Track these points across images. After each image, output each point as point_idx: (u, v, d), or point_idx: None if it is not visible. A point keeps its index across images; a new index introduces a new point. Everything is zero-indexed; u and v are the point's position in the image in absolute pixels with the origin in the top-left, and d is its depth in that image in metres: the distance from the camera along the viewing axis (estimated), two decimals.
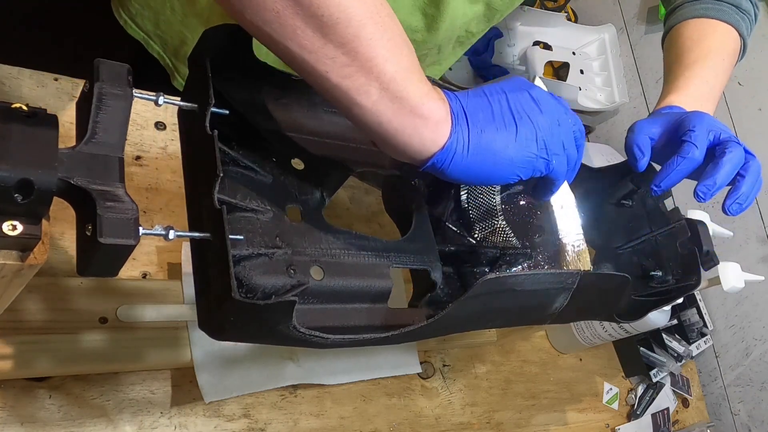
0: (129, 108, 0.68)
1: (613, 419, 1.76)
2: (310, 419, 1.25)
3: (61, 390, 1.04)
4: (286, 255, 0.80)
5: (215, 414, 1.15)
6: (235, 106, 0.82)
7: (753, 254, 2.05)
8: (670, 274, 1.16)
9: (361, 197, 1.46)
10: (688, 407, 1.97)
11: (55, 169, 0.60)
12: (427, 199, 1.02)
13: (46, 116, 0.61)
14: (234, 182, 0.80)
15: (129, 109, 0.68)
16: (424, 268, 0.94)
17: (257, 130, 0.84)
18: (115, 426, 1.06)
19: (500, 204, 1.03)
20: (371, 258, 0.88)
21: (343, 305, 0.84)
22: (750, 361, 2.07)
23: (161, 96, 0.74)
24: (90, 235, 0.63)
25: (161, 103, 0.74)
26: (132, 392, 1.09)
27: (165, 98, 0.75)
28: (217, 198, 0.70)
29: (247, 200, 0.79)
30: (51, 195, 0.60)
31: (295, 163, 0.89)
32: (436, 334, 0.92)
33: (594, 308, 1.06)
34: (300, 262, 0.81)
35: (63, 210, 0.65)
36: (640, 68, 2.41)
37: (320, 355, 1.25)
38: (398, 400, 1.38)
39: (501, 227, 1.02)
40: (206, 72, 0.77)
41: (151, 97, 0.73)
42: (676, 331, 1.96)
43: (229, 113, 0.81)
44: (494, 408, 1.52)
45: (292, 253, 0.81)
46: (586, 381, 1.75)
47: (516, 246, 1.03)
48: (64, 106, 1.14)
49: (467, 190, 1.03)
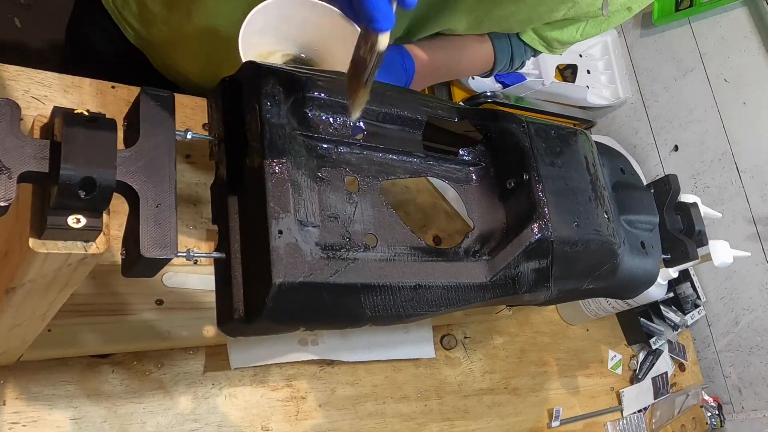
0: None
1: (618, 383, 1.75)
2: (346, 388, 1.24)
3: (122, 365, 1.04)
4: (343, 222, 0.79)
5: (261, 384, 1.15)
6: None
7: (740, 233, 2.05)
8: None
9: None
10: (684, 371, 1.96)
11: (115, 168, 0.59)
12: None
13: (105, 121, 0.60)
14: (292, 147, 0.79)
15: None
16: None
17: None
18: (172, 397, 1.06)
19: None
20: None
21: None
22: (739, 329, 2.07)
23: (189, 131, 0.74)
24: (134, 246, 0.63)
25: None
26: (186, 366, 1.09)
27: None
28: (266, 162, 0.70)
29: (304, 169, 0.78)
30: (111, 191, 0.59)
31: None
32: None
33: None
34: (355, 230, 0.80)
35: (122, 203, 0.64)
36: (636, 68, 2.40)
37: (341, 333, 1.23)
38: (425, 370, 1.37)
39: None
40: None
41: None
42: (672, 303, 1.96)
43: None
44: (511, 375, 1.51)
45: (348, 220, 0.80)
46: (593, 349, 1.74)
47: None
48: (122, 111, 1.13)
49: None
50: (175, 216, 0.65)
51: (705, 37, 2.18)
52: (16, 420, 0.93)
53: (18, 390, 0.95)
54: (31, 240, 0.59)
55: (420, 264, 0.81)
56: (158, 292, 1.04)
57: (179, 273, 1.06)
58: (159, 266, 0.65)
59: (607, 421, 1.66)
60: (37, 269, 0.63)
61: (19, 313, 0.73)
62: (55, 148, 0.58)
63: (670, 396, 1.84)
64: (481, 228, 0.94)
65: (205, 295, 1.07)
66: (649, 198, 1.17)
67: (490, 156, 0.98)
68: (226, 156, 0.77)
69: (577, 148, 1.00)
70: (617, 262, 1.00)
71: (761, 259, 1.99)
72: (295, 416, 1.16)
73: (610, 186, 1.08)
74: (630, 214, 1.09)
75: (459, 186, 0.96)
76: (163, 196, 0.64)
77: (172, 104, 0.69)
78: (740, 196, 2.05)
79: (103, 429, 0.99)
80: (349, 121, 0.84)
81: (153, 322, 1.03)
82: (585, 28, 1.31)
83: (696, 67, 2.20)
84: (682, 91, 2.24)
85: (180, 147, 1.16)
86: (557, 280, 0.92)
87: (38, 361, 0.96)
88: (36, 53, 1.39)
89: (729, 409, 2.06)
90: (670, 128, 2.27)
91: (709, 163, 2.15)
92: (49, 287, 0.67)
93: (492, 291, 0.87)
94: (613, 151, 1.16)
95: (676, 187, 1.22)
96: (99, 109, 0.61)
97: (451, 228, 1.43)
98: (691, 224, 1.24)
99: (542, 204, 0.89)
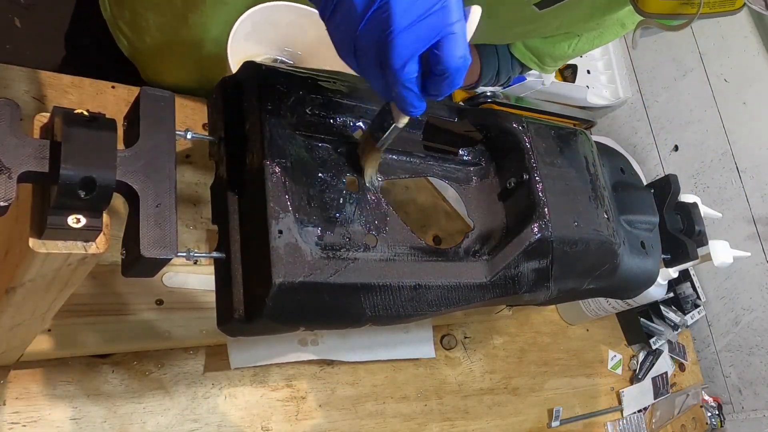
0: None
1: (618, 383, 1.75)
2: (346, 388, 1.24)
3: (122, 365, 1.04)
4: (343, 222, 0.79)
5: (261, 384, 1.15)
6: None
7: (740, 233, 2.05)
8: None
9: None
10: (684, 371, 1.96)
11: (115, 168, 0.59)
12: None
13: (105, 121, 0.60)
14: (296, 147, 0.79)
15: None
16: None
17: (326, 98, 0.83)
18: (172, 397, 1.06)
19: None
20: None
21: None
22: (739, 328, 2.07)
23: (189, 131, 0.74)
24: (134, 246, 0.63)
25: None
26: (186, 366, 1.09)
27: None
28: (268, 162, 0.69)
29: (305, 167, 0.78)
30: (111, 191, 0.59)
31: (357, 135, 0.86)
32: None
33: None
34: (355, 230, 0.80)
35: (122, 204, 0.64)
36: (636, 68, 2.40)
37: (341, 333, 1.23)
38: (425, 370, 1.37)
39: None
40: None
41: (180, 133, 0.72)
42: (672, 303, 1.95)
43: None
44: (511, 375, 1.51)
45: (348, 220, 0.80)
46: (593, 349, 1.74)
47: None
48: (122, 111, 1.13)
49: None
50: (175, 216, 0.65)
51: (705, 37, 2.18)
52: (16, 420, 0.93)
53: (18, 390, 0.95)
54: (31, 240, 0.59)
55: (420, 264, 0.81)
56: (158, 292, 1.04)
57: (179, 273, 1.06)
58: (159, 266, 0.65)
59: (607, 421, 1.66)
60: (37, 269, 0.63)
61: (19, 313, 0.73)
62: (55, 148, 0.58)
63: (670, 396, 1.84)
64: (481, 228, 0.94)
65: (205, 295, 1.07)
66: (649, 198, 1.17)
67: (490, 156, 0.98)
68: (226, 156, 0.77)
69: (577, 148, 1.00)
70: (617, 262, 1.00)
71: (761, 259, 1.99)
72: (295, 416, 1.16)
73: (610, 186, 1.08)
74: (630, 214, 1.09)
75: (459, 186, 0.96)
76: (163, 196, 0.64)
77: (172, 104, 0.69)
78: (740, 196, 2.05)
79: (103, 429, 0.99)
80: (360, 182, 0.84)
81: (153, 322, 1.03)
82: (578, 44, 1.30)
83: (696, 67, 2.20)
84: (682, 91, 2.24)
85: (180, 147, 1.16)
86: (557, 280, 0.92)
87: (38, 361, 0.96)
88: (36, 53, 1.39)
89: (729, 409, 2.06)
90: (670, 128, 2.27)
91: (709, 163, 2.14)
92: (49, 287, 0.67)
93: (492, 291, 0.87)
94: (613, 151, 1.16)
95: (676, 187, 1.22)
96: (99, 109, 0.61)
97: (451, 228, 1.43)
98: (691, 224, 1.24)
99: (542, 204, 0.89)
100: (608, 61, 2.44)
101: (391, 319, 0.79)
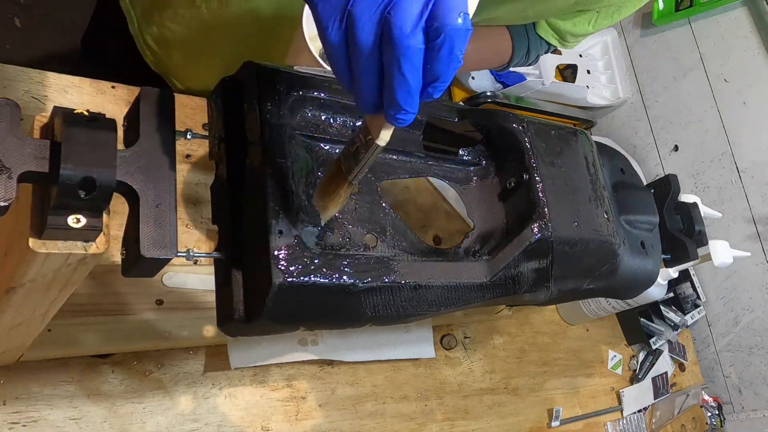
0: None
1: (618, 383, 1.75)
2: (346, 388, 1.24)
3: (123, 365, 1.04)
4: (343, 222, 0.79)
5: (261, 384, 1.15)
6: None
7: (740, 233, 2.05)
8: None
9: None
10: (684, 371, 1.96)
11: (115, 168, 0.59)
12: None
13: (105, 121, 0.60)
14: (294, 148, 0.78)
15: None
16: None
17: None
18: (172, 397, 1.06)
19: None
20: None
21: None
22: (739, 328, 2.07)
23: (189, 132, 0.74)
24: (134, 246, 0.63)
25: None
26: (186, 366, 1.09)
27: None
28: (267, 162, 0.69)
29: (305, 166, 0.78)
30: (111, 191, 0.59)
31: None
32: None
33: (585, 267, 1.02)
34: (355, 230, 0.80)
35: (122, 203, 0.64)
36: (636, 68, 2.40)
37: (341, 333, 1.23)
38: (425, 370, 1.37)
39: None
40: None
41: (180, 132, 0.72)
42: (672, 303, 1.96)
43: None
44: (511, 375, 1.51)
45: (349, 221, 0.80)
46: (593, 349, 1.74)
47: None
48: (122, 111, 1.13)
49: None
50: (175, 216, 0.65)
51: (705, 37, 2.19)
52: (16, 420, 0.93)
53: (18, 390, 0.94)
54: (31, 240, 0.59)
55: (420, 264, 0.81)
56: (158, 292, 1.04)
57: (179, 273, 1.06)
58: (159, 266, 0.65)
59: (607, 421, 1.66)
60: (37, 269, 0.63)
61: (19, 313, 0.73)
62: (55, 148, 0.57)
63: (670, 396, 1.84)
64: (481, 228, 0.94)
65: (205, 295, 1.07)
66: (649, 198, 1.17)
67: (490, 156, 0.98)
68: (226, 156, 0.77)
69: (577, 148, 1.00)
70: (617, 262, 1.00)
71: (761, 259, 1.99)
72: (295, 416, 1.16)
73: (610, 186, 1.08)
74: (630, 214, 1.09)
75: (459, 186, 0.96)
76: (163, 196, 0.64)
77: (172, 104, 0.69)
78: (740, 196, 2.06)
79: (103, 429, 0.99)
80: (317, 225, 0.78)
81: (153, 322, 1.03)
82: (598, 19, 1.30)
83: (696, 67, 2.20)
84: (682, 91, 2.24)
85: (180, 147, 1.16)
86: (557, 280, 0.92)
87: (38, 361, 0.96)
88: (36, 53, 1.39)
89: (729, 409, 2.06)
90: (670, 128, 2.27)
91: (709, 163, 2.15)
92: (49, 287, 0.67)
93: (492, 291, 0.87)
94: (613, 151, 1.16)
95: (676, 187, 1.22)
96: (99, 109, 0.61)
97: (451, 228, 1.42)
98: (691, 224, 1.24)
99: (542, 204, 0.89)
100: (608, 61, 2.45)
101: (391, 319, 0.79)
